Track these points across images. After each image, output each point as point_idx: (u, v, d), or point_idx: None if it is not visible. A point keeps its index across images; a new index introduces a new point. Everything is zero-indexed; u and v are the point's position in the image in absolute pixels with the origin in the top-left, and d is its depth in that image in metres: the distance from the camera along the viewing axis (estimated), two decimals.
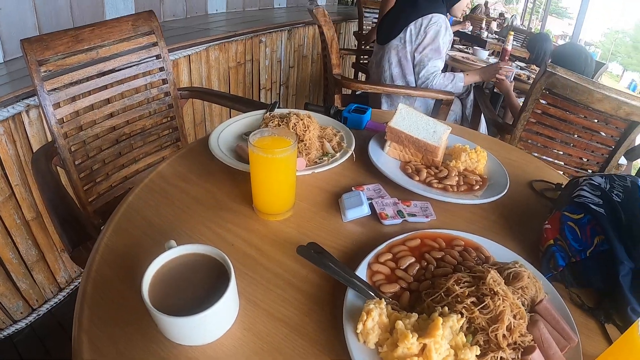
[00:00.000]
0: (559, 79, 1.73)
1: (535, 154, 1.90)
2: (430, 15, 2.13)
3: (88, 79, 1.32)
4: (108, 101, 1.42)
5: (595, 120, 1.79)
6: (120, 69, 1.42)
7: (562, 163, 1.93)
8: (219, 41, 2.37)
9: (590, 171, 1.89)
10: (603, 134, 1.82)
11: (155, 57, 1.52)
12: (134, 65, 1.46)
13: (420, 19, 2.14)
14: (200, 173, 0.91)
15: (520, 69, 3.32)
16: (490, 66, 2.33)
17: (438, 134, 1.04)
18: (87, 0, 2.37)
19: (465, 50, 3.49)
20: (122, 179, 1.48)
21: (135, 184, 0.88)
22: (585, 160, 1.91)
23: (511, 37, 3.39)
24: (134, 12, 2.67)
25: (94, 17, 2.44)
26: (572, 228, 0.79)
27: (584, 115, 1.79)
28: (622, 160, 2.05)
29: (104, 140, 1.41)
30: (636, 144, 3.35)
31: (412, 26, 2.15)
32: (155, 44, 1.51)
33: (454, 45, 3.70)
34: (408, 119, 1.06)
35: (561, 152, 1.91)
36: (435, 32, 2.12)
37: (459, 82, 2.20)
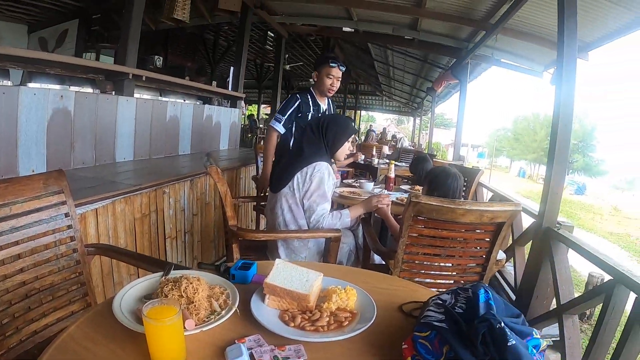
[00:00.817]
0: (423, 205, 1.93)
1: (423, 271, 2.12)
2: (314, 164, 2.43)
3: (1, 234, 1.43)
4: (19, 256, 1.51)
5: (466, 231, 2.03)
6: (32, 226, 1.54)
7: (454, 273, 2.16)
8: (125, 195, 2.52)
9: (477, 273, 2.14)
10: (479, 239, 2.07)
11: (64, 215, 1.66)
12: (44, 223, 1.58)
13: (305, 169, 2.42)
14: (106, 334, 1.05)
15: (404, 192, 3.66)
16: (370, 198, 2.64)
17: (310, 282, 1.24)
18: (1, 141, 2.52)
19: (353, 184, 3.86)
20: (31, 333, 1.53)
21: (45, 339, 1.00)
22: (467, 265, 2.14)
23: (392, 166, 3.81)
24: (45, 158, 2.85)
25: (7, 158, 2.58)
26: (423, 344, 0.96)
27: (457, 229, 2.01)
28: (501, 255, 2.30)
29: (14, 294, 1.48)
30: (523, 230, 3.84)
31: (298, 175, 2.43)
32: (64, 203, 1.66)
33: (344, 181, 4.06)
34: (284, 272, 1.28)
35: (449, 264, 2.14)
36: (320, 179, 2.41)
37: (345, 218, 2.48)
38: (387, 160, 6.76)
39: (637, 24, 4.13)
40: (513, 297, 3.83)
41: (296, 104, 3.34)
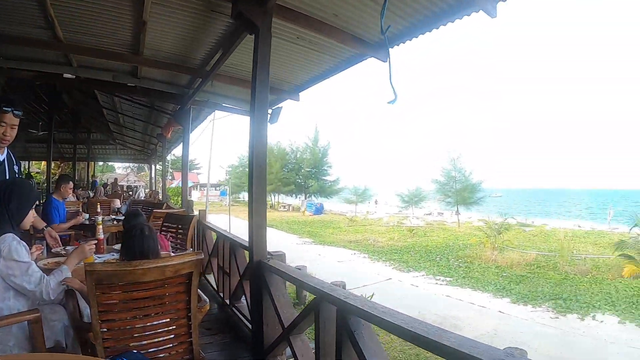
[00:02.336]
0: (100, 272, 1.91)
1: (136, 335, 2.04)
2: None
3: None
4: None
5: (158, 287, 2.04)
6: None
7: (167, 328, 2.13)
8: None
9: (184, 325, 2.16)
10: (174, 292, 2.12)
11: None
12: None
13: None
14: None
15: (116, 252, 3.51)
16: (82, 246, 2.66)
17: None
18: None
19: (61, 252, 3.55)
20: None
21: None
22: (173, 319, 2.15)
23: (100, 227, 3.53)
24: None
25: None
26: None
27: (147, 288, 2.02)
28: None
29: None
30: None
31: None
32: None
33: (52, 250, 3.60)
34: None
35: (165, 320, 2.13)
36: (9, 251, 2.21)
37: (66, 273, 2.40)
38: (114, 218, 6.60)
39: (338, 68, 5.08)
40: (251, 328, 3.90)
41: None
